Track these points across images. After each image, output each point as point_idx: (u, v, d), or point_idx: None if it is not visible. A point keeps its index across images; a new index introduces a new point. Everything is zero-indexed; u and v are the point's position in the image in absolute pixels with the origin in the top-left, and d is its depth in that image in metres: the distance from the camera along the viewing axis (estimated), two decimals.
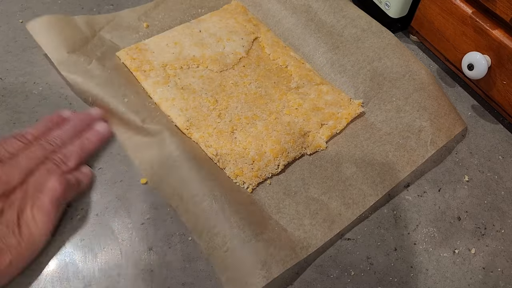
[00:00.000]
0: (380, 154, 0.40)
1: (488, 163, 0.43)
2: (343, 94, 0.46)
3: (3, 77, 0.45)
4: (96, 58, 0.45)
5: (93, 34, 0.48)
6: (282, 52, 0.50)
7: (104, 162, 0.40)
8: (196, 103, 0.43)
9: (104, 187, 0.38)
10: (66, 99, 0.44)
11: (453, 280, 0.35)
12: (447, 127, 0.42)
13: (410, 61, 0.46)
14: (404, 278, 0.35)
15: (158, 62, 0.47)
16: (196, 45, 0.49)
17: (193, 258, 0.35)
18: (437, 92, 0.44)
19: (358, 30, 0.49)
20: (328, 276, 0.35)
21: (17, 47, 0.48)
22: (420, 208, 0.39)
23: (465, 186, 0.41)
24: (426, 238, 0.37)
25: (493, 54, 0.42)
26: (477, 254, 0.36)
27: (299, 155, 0.41)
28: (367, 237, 0.37)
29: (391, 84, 0.45)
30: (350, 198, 0.38)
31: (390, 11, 0.51)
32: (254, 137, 0.41)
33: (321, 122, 0.43)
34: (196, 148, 0.40)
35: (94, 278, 0.33)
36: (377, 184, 0.38)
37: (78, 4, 0.54)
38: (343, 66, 0.47)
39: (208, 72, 0.47)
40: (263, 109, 0.44)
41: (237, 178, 0.38)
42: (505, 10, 0.40)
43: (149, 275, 0.34)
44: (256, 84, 0.46)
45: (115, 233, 0.35)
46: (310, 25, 0.51)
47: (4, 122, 0.42)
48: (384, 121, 0.43)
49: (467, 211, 0.39)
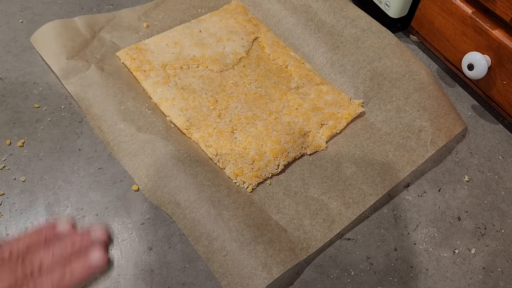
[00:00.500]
0: (380, 154, 0.40)
1: (488, 163, 0.43)
2: (343, 94, 0.46)
3: (3, 77, 0.45)
4: (95, 62, 0.45)
5: (93, 36, 0.48)
6: (282, 52, 0.50)
7: (104, 162, 0.40)
8: (196, 103, 0.43)
9: (104, 187, 0.38)
10: (66, 99, 0.44)
11: (453, 280, 0.35)
12: (447, 127, 0.42)
13: (410, 61, 0.46)
14: (404, 278, 0.35)
15: (158, 62, 0.47)
16: (196, 45, 0.49)
17: (193, 258, 0.35)
18: (437, 92, 0.44)
19: (358, 30, 0.49)
20: (328, 276, 0.35)
21: (17, 47, 0.48)
22: (420, 208, 0.39)
23: (465, 186, 0.41)
24: (426, 238, 0.37)
25: (493, 54, 0.42)
26: (477, 254, 0.36)
27: (299, 155, 0.41)
28: (367, 237, 0.37)
29: (391, 84, 0.45)
30: (350, 198, 0.38)
31: (390, 11, 0.51)
32: (254, 137, 0.41)
33: (321, 122, 0.43)
34: (194, 151, 0.39)
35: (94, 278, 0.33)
36: (377, 183, 0.38)
37: (78, 4, 0.54)
38: (343, 66, 0.47)
39: (208, 72, 0.47)
40: (263, 109, 0.44)
41: (237, 178, 0.38)
42: (505, 10, 0.40)
43: (149, 275, 0.34)
44: (256, 84, 0.46)
45: (115, 233, 0.35)
46: (310, 25, 0.51)
47: (4, 122, 0.42)
48: (384, 121, 0.43)
49: (467, 211, 0.39)
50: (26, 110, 0.43)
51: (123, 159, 0.39)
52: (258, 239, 0.33)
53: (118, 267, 0.34)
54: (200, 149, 0.40)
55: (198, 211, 0.35)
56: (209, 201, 0.35)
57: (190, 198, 0.35)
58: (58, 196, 0.37)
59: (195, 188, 0.36)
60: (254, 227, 0.34)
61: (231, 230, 0.34)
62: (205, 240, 0.34)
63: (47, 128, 0.42)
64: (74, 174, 0.39)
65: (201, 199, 0.35)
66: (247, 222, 0.34)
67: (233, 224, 0.34)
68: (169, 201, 0.36)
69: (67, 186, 0.38)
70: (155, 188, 0.37)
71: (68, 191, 0.38)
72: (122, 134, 0.40)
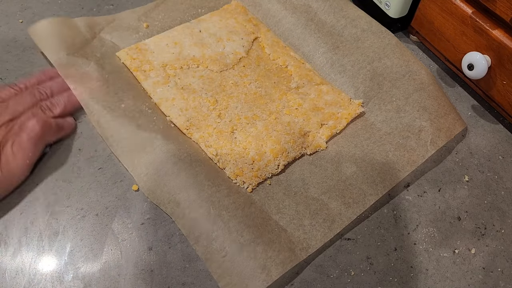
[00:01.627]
0: (380, 154, 0.40)
1: (488, 163, 0.43)
2: (343, 94, 0.46)
3: (3, 77, 0.45)
4: (95, 60, 0.45)
5: (93, 36, 0.48)
6: (282, 52, 0.50)
7: (104, 162, 0.40)
8: (196, 103, 0.43)
9: (104, 187, 0.38)
10: None
11: (453, 280, 0.35)
12: (447, 127, 0.42)
13: (410, 61, 0.46)
14: (404, 278, 0.35)
15: (158, 62, 0.47)
16: (196, 45, 0.49)
17: (193, 258, 0.35)
18: (437, 92, 0.44)
19: (358, 30, 0.49)
20: (328, 276, 0.35)
21: (17, 47, 0.48)
22: (420, 208, 0.39)
23: (465, 186, 0.41)
24: (426, 238, 0.37)
25: (493, 54, 0.42)
26: (477, 254, 0.36)
27: (299, 155, 0.41)
28: (367, 237, 0.37)
29: (391, 84, 0.45)
30: (350, 198, 0.38)
31: (390, 11, 0.51)
32: (254, 137, 0.41)
33: (321, 122, 0.43)
34: (194, 150, 0.39)
35: (94, 278, 0.33)
36: (377, 183, 0.38)
37: (78, 4, 0.54)
38: (343, 66, 0.47)
39: (208, 72, 0.47)
40: (263, 109, 0.44)
41: (237, 178, 0.38)
42: (505, 10, 0.40)
43: (149, 275, 0.34)
44: (256, 84, 0.46)
45: (115, 233, 0.35)
46: (310, 25, 0.51)
47: None
48: (384, 121, 0.43)
49: (467, 211, 0.39)
50: None
51: (122, 156, 0.39)
52: (257, 240, 0.33)
53: (118, 267, 0.34)
54: (200, 149, 0.40)
55: (197, 211, 0.35)
56: (209, 201, 0.35)
57: (190, 198, 0.35)
58: (58, 196, 0.37)
59: (195, 188, 0.36)
60: (253, 227, 0.34)
61: (230, 230, 0.34)
62: (204, 240, 0.34)
63: None
64: (74, 174, 0.39)
65: (200, 199, 0.35)
66: (247, 223, 0.34)
67: (232, 225, 0.34)
68: (168, 201, 0.36)
69: (67, 186, 0.38)
70: (155, 186, 0.37)
71: (68, 191, 0.38)
72: (122, 130, 0.40)
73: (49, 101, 0.40)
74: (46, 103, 0.40)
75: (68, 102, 0.41)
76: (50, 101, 0.40)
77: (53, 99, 0.40)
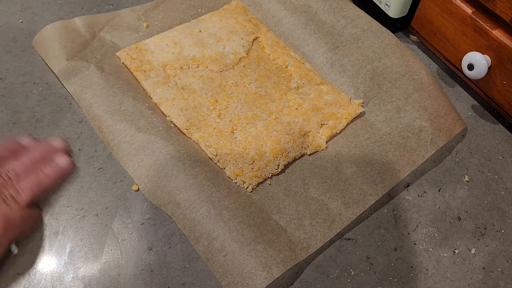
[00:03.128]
0: (380, 154, 0.40)
1: (488, 163, 0.43)
2: (343, 94, 0.46)
3: (3, 77, 0.45)
4: (95, 63, 0.45)
5: (93, 36, 0.48)
6: (282, 52, 0.50)
7: (104, 162, 0.40)
8: (196, 103, 0.43)
9: (104, 187, 0.38)
10: (66, 99, 0.44)
11: (453, 280, 0.35)
12: (447, 127, 0.42)
13: (410, 61, 0.46)
14: (404, 278, 0.35)
15: (158, 62, 0.47)
16: (196, 45, 0.49)
17: (193, 258, 0.35)
18: (437, 92, 0.44)
19: (358, 30, 0.49)
20: (328, 276, 0.35)
21: (17, 47, 0.48)
22: (420, 208, 0.39)
23: (465, 186, 0.41)
24: (426, 238, 0.37)
25: (493, 54, 0.42)
26: (477, 254, 0.36)
27: (299, 155, 0.41)
28: (367, 237, 0.37)
29: (391, 84, 0.45)
30: (350, 198, 0.38)
31: (390, 11, 0.51)
32: (254, 137, 0.41)
33: (321, 122, 0.43)
34: (194, 150, 0.39)
35: (94, 278, 0.33)
36: (377, 183, 0.38)
37: (78, 4, 0.54)
38: (343, 66, 0.47)
39: (208, 72, 0.47)
40: (263, 109, 0.44)
41: (237, 178, 0.38)
42: (505, 10, 0.40)
43: (149, 275, 0.34)
44: (256, 84, 0.46)
45: (115, 233, 0.35)
46: (310, 25, 0.51)
47: (4, 122, 0.42)
48: (384, 121, 0.43)
49: (467, 211, 0.39)
50: (26, 110, 0.43)
51: (123, 159, 0.39)
52: (258, 239, 0.33)
53: (118, 267, 0.34)
54: (200, 149, 0.40)
55: (198, 211, 0.35)
56: (209, 201, 0.35)
57: (190, 198, 0.35)
58: (58, 196, 0.37)
59: (195, 188, 0.36)
60: (254, 227, 0.34)
61: (231, 230, 0.34)
62: (205, 240, 0.34)
63: (47, 128, 0.42)
64: (74, 174, 0.39)
65: (201, 199, 0.35)
66: (247, 222, 0.34)
67: (233, 224, 0.34)
68: (169, 201, 0.36)
69: (67, 186, 0.38)
70: (155, 188, 0.37)
71: (68, 191, 0.38)
72: (122, 134, 0.40)
73: (13, 188, 0.32)
74: (10, 191, 0.32)
75: (36, 188, 0.33)
76: (14, 188, 0.32)
77: (18, 185, 0.32)
